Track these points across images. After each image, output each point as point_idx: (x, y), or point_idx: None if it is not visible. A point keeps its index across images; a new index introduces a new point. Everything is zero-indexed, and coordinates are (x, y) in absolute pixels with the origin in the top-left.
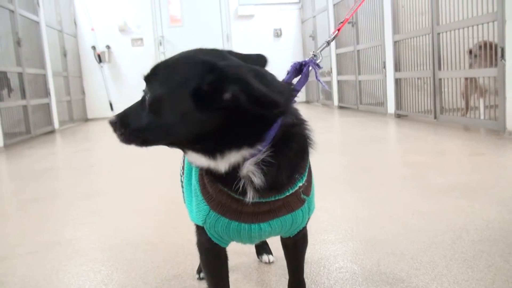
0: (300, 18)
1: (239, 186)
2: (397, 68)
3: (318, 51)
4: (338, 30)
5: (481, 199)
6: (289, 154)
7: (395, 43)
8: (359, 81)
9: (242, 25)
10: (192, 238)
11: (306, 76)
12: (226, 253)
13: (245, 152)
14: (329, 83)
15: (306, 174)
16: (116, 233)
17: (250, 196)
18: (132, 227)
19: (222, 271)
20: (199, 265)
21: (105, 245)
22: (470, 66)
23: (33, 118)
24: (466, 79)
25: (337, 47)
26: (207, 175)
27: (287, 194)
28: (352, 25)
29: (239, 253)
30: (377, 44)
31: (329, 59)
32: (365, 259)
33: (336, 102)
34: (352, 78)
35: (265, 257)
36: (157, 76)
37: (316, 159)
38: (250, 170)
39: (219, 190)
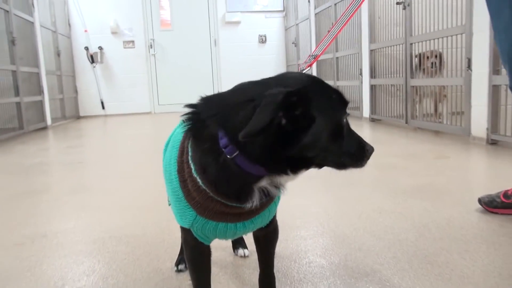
0: (284, 25)
1: (251, 197)
2: (372, 75)
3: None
4: (310, 65)
5: (444, 200)
6: None
7: (371, 51)
8: (337, 87)
9: (229, 31)
10: (172, 232)
11: None
12: (210, 249)
13: None
14: None
15: None
16: (100, 226)
17: (253, 204)
18: (116, 222)
19: (205, 266)
20: (177, 258)
21: (89, 238)
22: (432, 75)
23: (26, 115)
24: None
25: None
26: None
27: None
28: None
29: (216, 248)
30: (355, 52)
31: None
32: (334, 254)
33: None
34: (331, 83)
35: (240, 251)
36: None
37: None
38: (276, 183)
39: (207, 197)
